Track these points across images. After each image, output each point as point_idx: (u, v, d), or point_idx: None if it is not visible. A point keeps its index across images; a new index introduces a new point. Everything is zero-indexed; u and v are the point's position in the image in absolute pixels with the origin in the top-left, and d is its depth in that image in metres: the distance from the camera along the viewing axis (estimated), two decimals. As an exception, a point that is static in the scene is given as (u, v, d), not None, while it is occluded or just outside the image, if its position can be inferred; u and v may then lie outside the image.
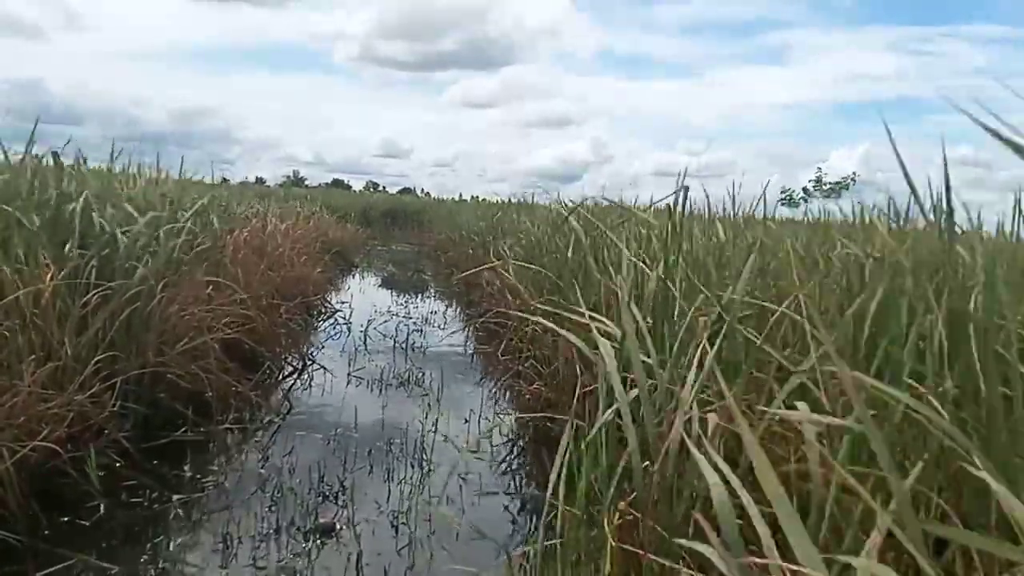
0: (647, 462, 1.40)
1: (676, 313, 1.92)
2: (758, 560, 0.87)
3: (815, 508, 1.21)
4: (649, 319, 2.13)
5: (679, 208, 2.27)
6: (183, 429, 3.05)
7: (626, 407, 1.46)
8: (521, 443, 3.36)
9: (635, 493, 1.39)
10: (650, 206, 3.23)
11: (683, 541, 1.02)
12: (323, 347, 5.16)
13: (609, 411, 1.49)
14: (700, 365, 1.53)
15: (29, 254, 2.78)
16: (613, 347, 1.62)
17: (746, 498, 0.88)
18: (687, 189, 2.09)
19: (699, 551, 0.98)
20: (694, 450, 1.08)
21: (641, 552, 1.29)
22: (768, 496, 0.82)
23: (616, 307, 2.15)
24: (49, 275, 2.71)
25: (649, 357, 1.66)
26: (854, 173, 15.59)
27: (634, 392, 1.51)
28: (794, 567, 0.83)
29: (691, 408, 1.39)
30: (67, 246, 2.93)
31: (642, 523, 1.34)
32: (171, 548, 2.21)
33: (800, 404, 1.31)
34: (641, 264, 2.48)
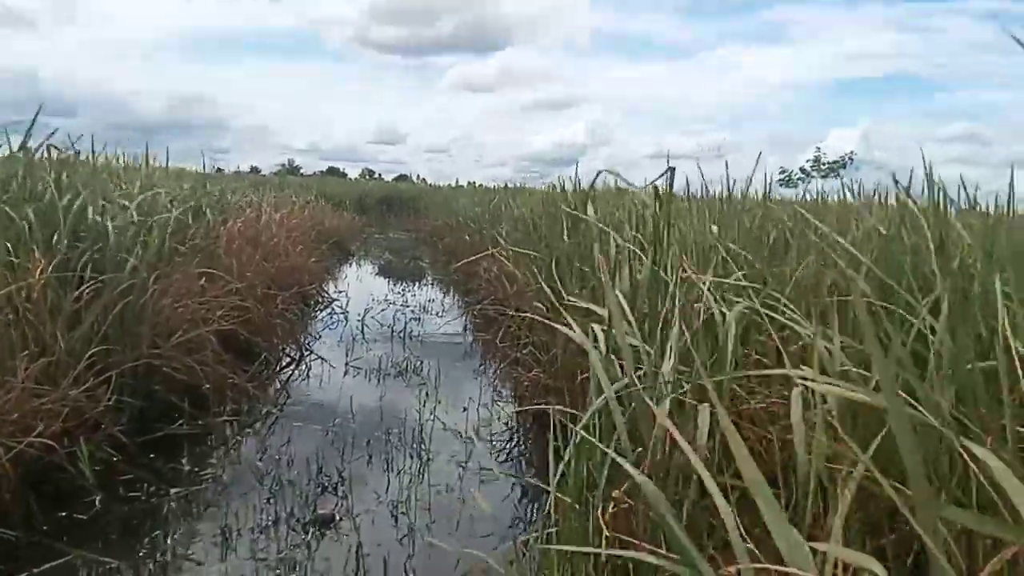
0: (639, 449, 1.39)
1: (668, 297, 1.91)
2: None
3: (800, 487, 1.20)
4: (645, 304, 2.11)
5: (670, 189, 2.25)
6: (179, 422, 3.05)
7: (612, 393, 1.45)
8: (520, 430, 3.36)
9: (628, 481, 1.38)
10: (645, 186, 3.19)
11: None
12: (320, 337, 5.15)
13: (601, 398, 1.48)
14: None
15: (20, 247, 2.76)
16: (603, 331, 1.61)
17: (715, 490, 0.87)
18: (673, 170, 2.07)
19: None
20: (681, 440, 1.07)
21: (635, 541, 1.28)
22: (744, 478, 0.80)
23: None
24: (39, 268, 2.69)
25: (640, 342, 1.65)
26: (851, 152, 15.46)
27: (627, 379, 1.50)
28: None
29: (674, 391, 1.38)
30: (55, 238, 2.90)
31: (635, 511, 1.34)
32: (170, 541, 2.20)
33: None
34: (633, 248, 2.46)
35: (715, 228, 2.53)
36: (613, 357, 1.67)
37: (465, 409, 3.60)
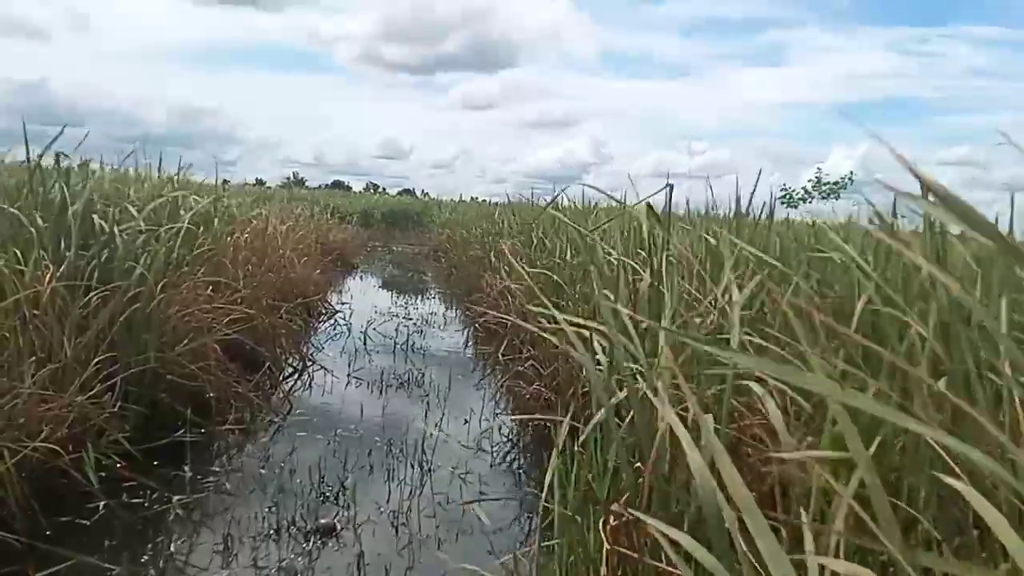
0: (639, 463, 1.41)
1: (670, 314, 1.93)
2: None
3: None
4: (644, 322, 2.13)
5: (667, 207, 2.29)
6: (183, 430, 3.06)
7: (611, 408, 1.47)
8: (521, 443, 3.38)
9: (627, 493, 1.40)
10: (640, 201, 3.21)
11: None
12: (323, 348, 5.17)
13: (601, 412, 1.50)
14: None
15: (29, 254, 2.79)
16: (601, 346, 1.63)
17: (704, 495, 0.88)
18: (671, 187, 2.11)
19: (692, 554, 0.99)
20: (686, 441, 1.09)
21: (636, 554, 1.30)
22: (723, 476, 0.82)
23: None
24: (48, 276, 2.72)
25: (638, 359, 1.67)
26: (851, 173, 15.50)
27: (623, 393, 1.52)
28: None
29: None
30: (63, 246, 2.94)
31: (635, 524, 1.35)
32: (172, 549, 2.22)
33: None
34: (632, 264, 2.49)
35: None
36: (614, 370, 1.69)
37: (466, 421, 3.62)
